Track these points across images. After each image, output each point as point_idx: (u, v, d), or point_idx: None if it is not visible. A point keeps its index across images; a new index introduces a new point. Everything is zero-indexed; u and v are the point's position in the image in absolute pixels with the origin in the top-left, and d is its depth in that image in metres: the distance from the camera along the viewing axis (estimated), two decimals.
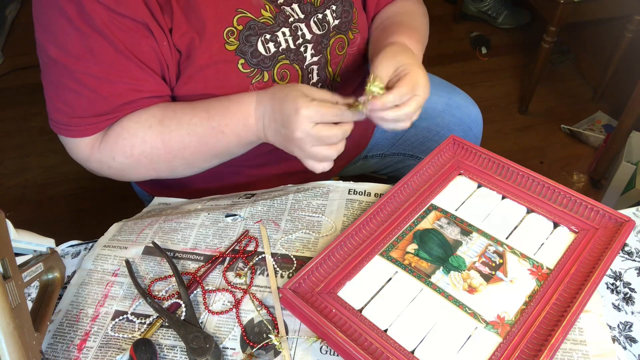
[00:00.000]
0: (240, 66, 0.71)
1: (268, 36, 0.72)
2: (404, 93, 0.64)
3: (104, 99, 0.66)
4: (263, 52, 0.72)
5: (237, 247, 0.67)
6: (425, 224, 0.67)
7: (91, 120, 0.68)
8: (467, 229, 0.67)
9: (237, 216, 0.71)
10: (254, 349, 0.56)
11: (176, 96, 0.74)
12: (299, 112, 0.62)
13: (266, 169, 0.86)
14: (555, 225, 0.67)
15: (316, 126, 0.62)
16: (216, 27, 0.68)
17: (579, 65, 2.25)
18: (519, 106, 2.09)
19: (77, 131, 0.68)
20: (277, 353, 0.56)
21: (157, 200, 0.82)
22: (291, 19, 0.74)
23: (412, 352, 0.54)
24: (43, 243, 0.60)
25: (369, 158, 1.08)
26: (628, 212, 0.69)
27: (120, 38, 0.64)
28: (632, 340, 0.57)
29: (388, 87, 0.65)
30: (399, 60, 0.67)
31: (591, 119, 2.02)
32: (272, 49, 0.73)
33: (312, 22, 0.76)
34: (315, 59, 0.78)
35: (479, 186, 0.72)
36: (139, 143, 0.69)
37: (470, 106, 1.04)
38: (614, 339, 0.57)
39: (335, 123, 0.64)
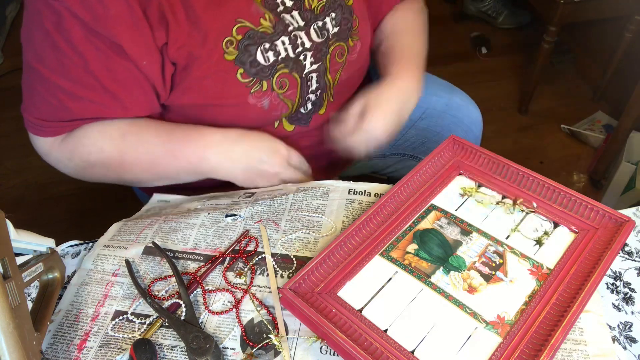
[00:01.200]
0: (239, 76, 0.71)
1: (267, 45, 0.72)
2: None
3: (69, 111, 0.69)
4: (262, 61, 0.72)
5: (237, 247, 0.67)
6: (425, 224, 0.67)
7: (53, 124, 0.71)
8: (467, 229, 0.67)
9: (237, 216, 0.71)
10: (254, 349, 0.56)
11: (173, 106, 0.75)
12: (279, 147, 0.76)
13: None
14: (555, 225, 0.67)
15: (290, 155, 0.76)
16: (216, 38, 0.68)
17: (579, 65, 2.25)
18: (519, 106, 2.09)
19: (40, 131, 0.72)
20: (277, 353, 0.56)
21: (157, 197, 0.82)
22: (290, 28, 0.74)
23: (412, 352, 0.54)
24: (43, 243, 0.60)
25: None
26: (628, 212, 0.69)
27: (94, 57, 0.65)
28: (632, 340, 0.57)
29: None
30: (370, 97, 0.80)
31: (591, 119, 2.02)
32: (272, 58, 0.73)
33: (312, 30, 0.76)
34: (314, 66, 0.78)
35: (479, 186, 0.72)
36: (96, 151, 0.72)
37: (470, 107, 1.04)
38: (614, 339, 0.57)
39: None
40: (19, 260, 0.55)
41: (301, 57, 0.76)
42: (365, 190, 0.75)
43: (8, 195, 1.78)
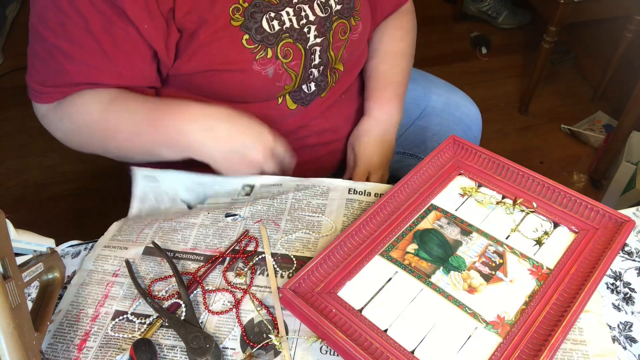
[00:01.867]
0: (244, 42, 0.72)
1: (272, 14, 0.74)
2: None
3: (67, 74, 0.69)
4: (267, 29, 0.73)
5: (237, 247, 0.67)
6: (425, 224, 0.67)
7: (51, 90, 0.71)
8: (467, 229, 0.67)
9: (237, 216, 0.71)
10: (254, 349, 0.56)
11: (176, 76, 0.75)
12: (267, 134, 0.73)
13: None
14: (555, 225, 0.67)
15: (275, 146, 0.74)
16: (224, 4, 0.70)
17: (579, 65, 2.25)
18: (519, 106, 2.09)
19: (39, 97, 0.73)
20: (277, 353, 0.56)
21: (141, 172, 0.81)
22: (295, 0, 0.75)
23: (412, 352, 0.54)
24: (43, 243, 0.60)
25: None
26: (628, 212, 0.69)
27: (95, 19, 0.65)
28: (632, 340, 0.57)
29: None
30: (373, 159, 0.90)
31: (591, 119, 2.02)
32: (276, 27, 0.74)
33: (315, 5, 0.78)
34: (318, 40, 0.79)
35: (479, 186, 0.72)
36: (84, 112, 0.72)
37: (470, 105, 1.04)
38: (614, 339, 0.57)
39: None
40: (19, 260, 0.55)
41: (305, 29, 0.77)
42: (365, 190, 0.75)
43: (8, 195, 1.78)
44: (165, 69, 0.74)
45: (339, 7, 0.81)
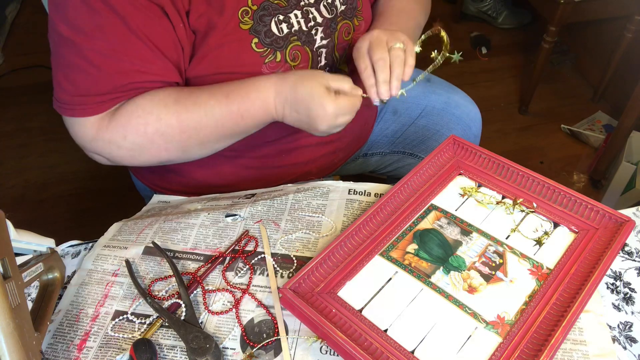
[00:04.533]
0: (253, 45, 0.72)
1: (281, 17, 0.74)
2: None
3: (109, 76, 0.65)
4: (276, 32, 0.73)
5: (237, 247, 0.67)
6: (425, 224, 0.67)
7: (95, 99, 0.66)
8: (467, 229, 0.67)
9: (237, 216, 0.71)
10: (254, 349, 0.56)
11: (188, 78, 0.74)
12: (327, 111, 0.67)
13: (266, 161, 0.87)
14: (556, 225, 0.67)
15: (338, 116, 0.68)
16: (234, 7, 0.69)
17: (579, 65, 2.25)
18: (519, 106, 2.09)
19: (79, 110, 0.67)
20: (277, 353, 0.56)
21: (157, 198, 0.82)
22: (302, 3, 0.76)
23: (412, 352, 0.54)
24: (43, 243, 0.60)
25: (369, 156, 1.08)
26: (628, 212, 0.69)
27: (134, 16, 0.63)
28: (632, 340, 0.57)
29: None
30: (369, 38, 0.73)
31: (591, 119, 2.02)
32: (285, 30, 0.74)
33: (321, 6, 0.78)
34: (324, 42, 0.79)
35: (479, 186, 0.72)
36: (154, 121, 0.67)
37: (469, 105, 1.04)
38: (614, 339, 0.57)
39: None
40: (19, 260, 0.55)
41: (313, 32, 0.77)
42: (365, 190, 0.75)
43: (8, 195, 1.78)
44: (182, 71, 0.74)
45: (343, 7, 0.81)
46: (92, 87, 0.66)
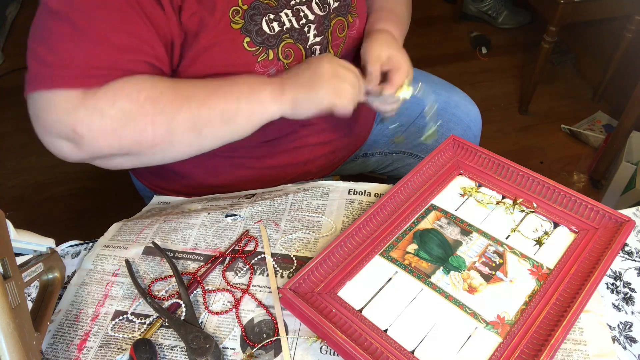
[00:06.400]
0: (245, 44, 0.72)
1: (272, 16, 0.74)
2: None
3: (101, 50, 0.62)
4: (267, 30, 0.73)
5: (237, 247, 0.67)
6: (425, 224, 0.67)
7: (83, 72, 0.62)
8: (467, 229, 0.67)
9: (237, 216, 0.71)
10: (254, 349, 0.56)
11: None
12: (324, 60, 0.72)
13: (266, 161, 0.87)
14: (555, 225, 0.67)
15: (338, 70, 0.72)
16: (224, 6, 0.69)
17: (579, 65, 2.25)
18: (519, 106, 2.09)
19: (59, 80, 0.61)
20: (277, 353, 0.56)
21: (157, 199, 0.82)
22: (293, 2, 0.75)
23: (412, 352, 0.54)
24: (43, 243, 0.60)
25: (369, 156, 1.08)
26: (628, 212, 0.69)
27: None
28: (632, 340, 0.57)
29: (382, 72, 0.80)
30: (390, 50, 0.80)
31: (591, 119, 2.02)
32: (277, 28, 0.74)
33: (313, 4, 0.78)
34: (317, 39, 0.79)
35: (479, 186, 0.72)
36: (149, 87, 0.64)
37: (469, 105, 1.04)
38: (614, 339, 0.57)
39: None
40: (19, 260, 0.55)
41: (305, 29, 0.77)
42: (365, 190, 0.75)
43: (8, 195, 1.78)
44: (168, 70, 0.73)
45: (336, 4, 0.81)
46: (83, 59, 0.61)
